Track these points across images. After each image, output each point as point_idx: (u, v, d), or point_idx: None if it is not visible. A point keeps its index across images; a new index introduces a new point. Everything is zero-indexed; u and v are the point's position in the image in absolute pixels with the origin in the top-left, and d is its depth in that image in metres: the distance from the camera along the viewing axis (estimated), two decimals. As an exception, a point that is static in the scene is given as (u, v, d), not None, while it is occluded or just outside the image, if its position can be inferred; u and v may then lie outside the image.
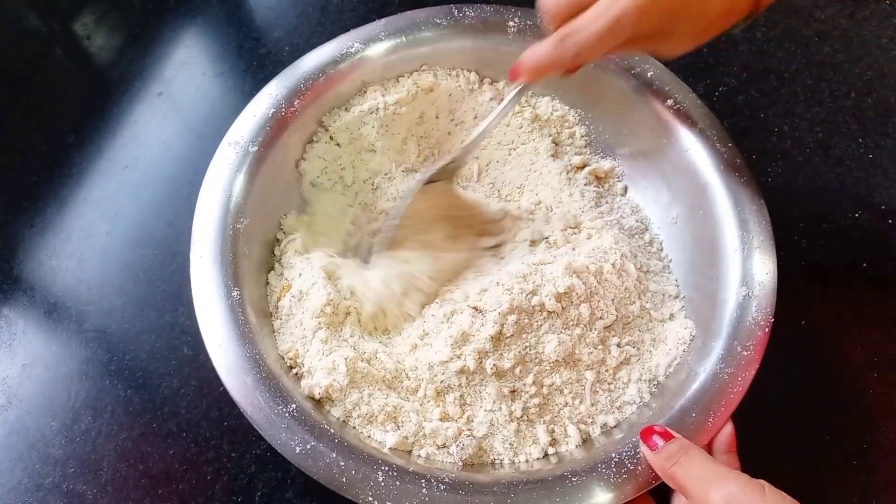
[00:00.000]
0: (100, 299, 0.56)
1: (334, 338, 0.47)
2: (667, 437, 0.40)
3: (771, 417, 0.44)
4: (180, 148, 0.62)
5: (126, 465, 0.50)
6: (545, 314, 0.46)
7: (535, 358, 0.46)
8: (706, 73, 0.64)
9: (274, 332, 0.48)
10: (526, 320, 0.46)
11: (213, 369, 0.43)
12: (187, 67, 0.67)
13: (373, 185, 0.56)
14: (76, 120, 0.64)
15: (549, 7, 0.42)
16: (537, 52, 0.43)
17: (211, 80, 0.66)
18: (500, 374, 0.45)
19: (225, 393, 0.43)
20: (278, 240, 0.52)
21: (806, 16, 0.67)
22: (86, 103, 0.65)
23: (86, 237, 0.59)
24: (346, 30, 0.55)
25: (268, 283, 0.50)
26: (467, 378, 0.45)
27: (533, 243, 0.53)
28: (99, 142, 0.63)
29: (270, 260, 0.51)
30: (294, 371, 0.46)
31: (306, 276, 0.49)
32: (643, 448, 0.41)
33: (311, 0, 0.70)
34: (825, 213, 0.57)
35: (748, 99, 0.63)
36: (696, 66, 0.64)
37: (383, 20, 0.55)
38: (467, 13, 0.55)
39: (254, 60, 0.66)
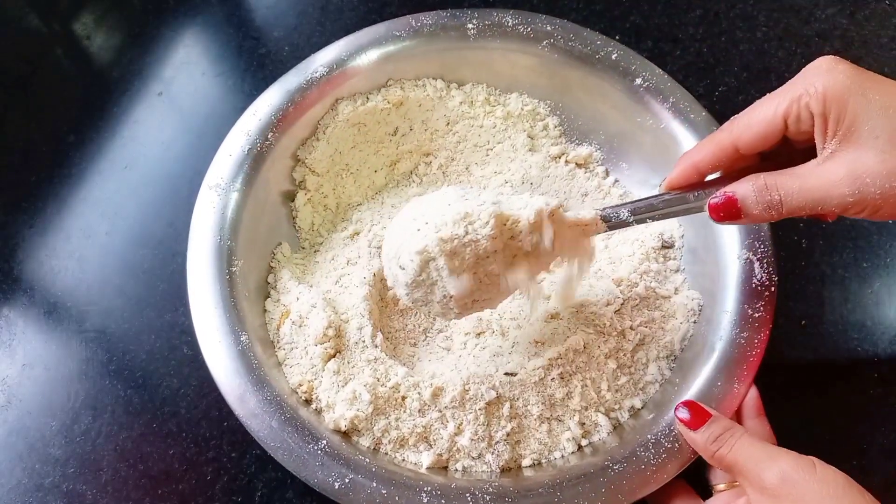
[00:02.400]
0: (100, 299, 0.56)
1: (346, 364, 0.46)
2: (701, 413, 0.40)
3: (771, 417, 0.44)
4: (180, 148, 0.62)
5: (126, 465, 0.50)
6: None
7: (558, 358, 0.46)
8: (706, 73, 0.64)
9: (280, 363, 0.47)
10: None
11: (212, 369, 0.44)
12: (187, 67, 0.67)
13: (357, 205, 0.56)
14: (76, 120, 0.64)
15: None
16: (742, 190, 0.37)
17: (211, 80, 0.66)
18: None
19: (225, 393, 0.43)
20: (272, 267, 0.52)
21: (806, 16, 0.66)
22: (86, 103, 0.65)
23: (86, 237, 0.59)
24: (345, 30, 0.55)
25: (266, 310, 0.50)
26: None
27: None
28: (99, 142, 0.63)
29: (266, 287, 0.51)
30: (313, 406, 0.46)
31: (304, 298, 0.48)
32: (682, 429, 0.41)
33: (311, 0, 0.70)
34: (825, 213, 0.57)
35: (748, 99, 0.62)
36: (696, 65, 0.64)
37: (343, 40, 0.55)
38: (425, 21, 0.55)
39: (254, 60, 0.66)
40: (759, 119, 0.37)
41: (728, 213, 0.38)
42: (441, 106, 0.57)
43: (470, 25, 0.55)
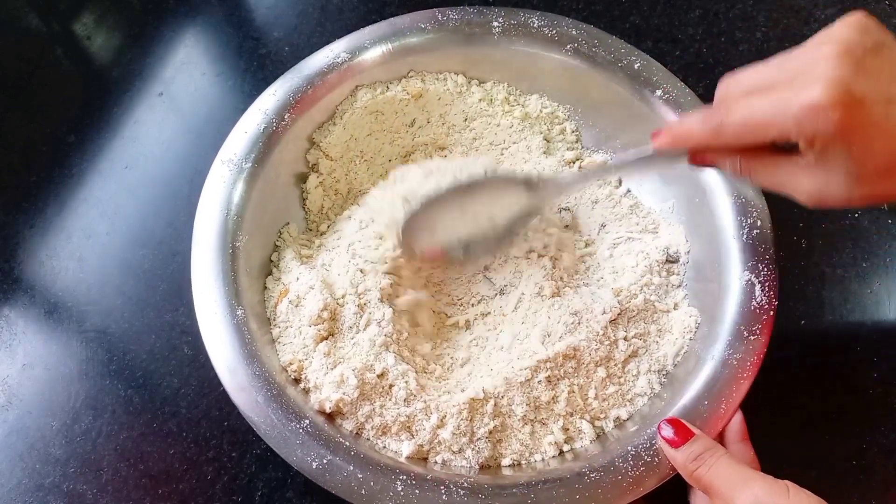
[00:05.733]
0: (100, 299, 0.56)
1: (337, 347, 0.47)
2: (685, 432, 0.40)
3: (771, 418, 0.44)
4: (180, 148, 0.62)
5: (126, 464, 0.50)
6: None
7: (547, 361, 0.46)
8: (706, 73, 0.64)
9: (273, 340, 0.47)
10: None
11: (213, 369, 0.44)
12: (187, 67, 0.67)
13: (368, 192, 0.56)
14: (76, 120, 0.64)
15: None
16: (688, 120, 0.39)
17: (211, 80, 0.66)
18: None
19: (225, 393, 0.43)
20: (277, 245, 0.52)
21: (806, 16, 0.66)
22: (86, 103, 0.65)
23: (86, 237, 0.59)
24: (346, 30, 0.55)
25: (266, 287, 0.50)
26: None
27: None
28: (99, 142, 0.63)
29: (269, 265, 0.51)
30: (301, 386, 0.46)
31: (304, 279, 0.48)
32: (663, 445, 0.41)
33: (311, 0, 0.70)
34: (825, 213, 0.57)
35: (748, 99, 0.63)
36: (696, 66, 0.64)
37: (368, 28, 0.55)
38: (451, 16, 0.55)
39: (254, 60, 0.67)
40: (749, 134, 0.38)
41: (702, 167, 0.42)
42: (460, 101, 0.57)
43: (495, 24, 0.55)
